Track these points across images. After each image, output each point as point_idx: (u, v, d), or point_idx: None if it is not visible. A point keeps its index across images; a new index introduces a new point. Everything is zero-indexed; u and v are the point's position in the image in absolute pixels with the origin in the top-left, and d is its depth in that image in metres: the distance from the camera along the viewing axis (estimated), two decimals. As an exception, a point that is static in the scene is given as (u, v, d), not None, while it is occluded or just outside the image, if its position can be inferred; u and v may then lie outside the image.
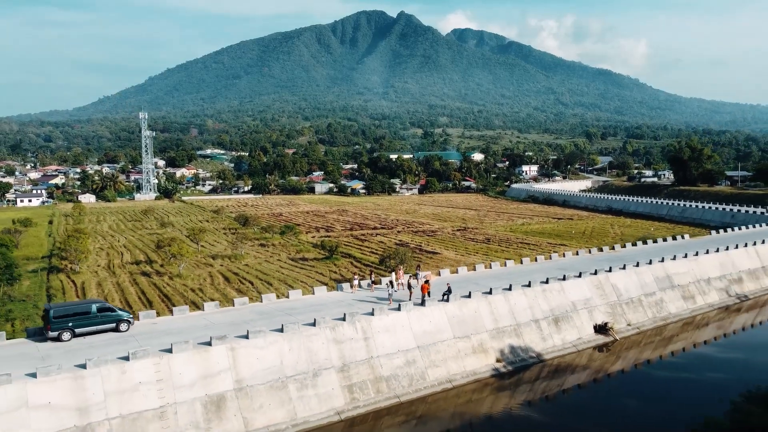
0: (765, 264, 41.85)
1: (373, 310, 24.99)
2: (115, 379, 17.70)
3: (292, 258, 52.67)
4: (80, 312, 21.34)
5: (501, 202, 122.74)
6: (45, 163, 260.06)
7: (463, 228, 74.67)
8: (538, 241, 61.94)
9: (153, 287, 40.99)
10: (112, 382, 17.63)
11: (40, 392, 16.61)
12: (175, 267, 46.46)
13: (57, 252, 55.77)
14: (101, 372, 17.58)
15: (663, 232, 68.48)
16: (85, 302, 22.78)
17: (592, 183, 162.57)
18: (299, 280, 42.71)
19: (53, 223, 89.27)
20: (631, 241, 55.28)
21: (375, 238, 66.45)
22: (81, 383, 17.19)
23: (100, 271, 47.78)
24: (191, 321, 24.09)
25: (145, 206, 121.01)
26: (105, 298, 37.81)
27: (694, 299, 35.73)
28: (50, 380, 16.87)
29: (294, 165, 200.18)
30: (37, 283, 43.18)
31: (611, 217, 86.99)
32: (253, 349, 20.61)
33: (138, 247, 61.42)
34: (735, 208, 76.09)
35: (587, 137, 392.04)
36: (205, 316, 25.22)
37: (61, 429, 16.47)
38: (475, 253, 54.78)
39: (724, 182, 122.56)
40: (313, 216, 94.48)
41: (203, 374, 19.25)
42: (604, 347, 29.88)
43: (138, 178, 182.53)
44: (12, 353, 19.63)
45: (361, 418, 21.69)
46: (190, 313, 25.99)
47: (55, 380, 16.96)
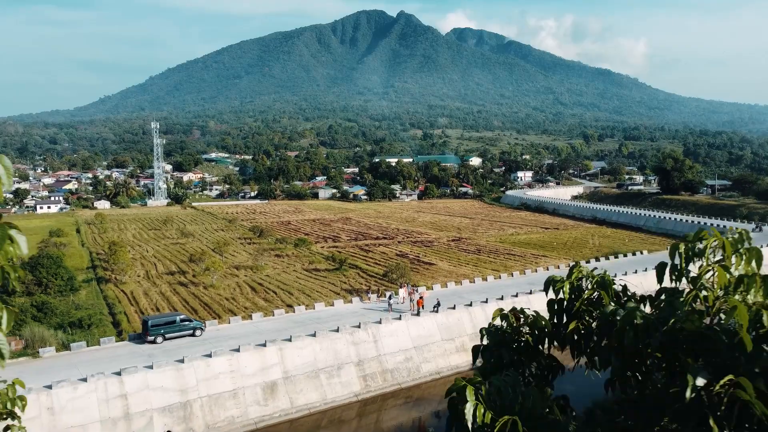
0: (707, 277, 49.50)
1: (381, 320, 32.75)
2: (203, 370, 25.35)
3: (306, 269, 60.36)
4: (169, 322, 29.01)
5: (495, 210, 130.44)
6: (54, 166, 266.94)
7: (457, 238, 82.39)
8: (523, 252, 69.68)
9: (193, 297, 48.68)
10: (201, 372, 25.26)
11: (156, 378, 24.25)
12: (207, 278, 54.10)
13: (99, 263, 63.49)
14: (194, 365, 25.25)
15: (636, 243, 76.27)
16: (171, 314, 30.46)
17: (584, 189, 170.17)
18: (315, 290, 50.41)
19: (81, 232, 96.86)
20: (602, 255, 63.04)
21: (378, 248, 74.16)
22: (181, 373, 24.82)
23: (142, 281, 55.45)
24: (245, 328, 31.84)
25: (160, 213, 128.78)
26: (155, 306, 45.53)
27: (641, 308, 43.31)
28: (162, 371, 24.54)
29: (297, 170, 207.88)
30: (92, 292, 50.87)
31: (594, 227, 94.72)
32: (294, 349, 28.29)
33: (167, 257, 69.05)
34: (703, 221, 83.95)
35: (584, 139, 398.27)
36: (254, 323, 32.95)
37: (170, 404, 24.13)
38: (465, 264, 62.50)
39: (705, 190, 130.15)
40: (320, 225, 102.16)
41: (261, 367, 26.89)
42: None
43: (147, 183, 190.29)
44: (125, 352, 27.31)
45: (372, 399, 29.40)
46: (242, 321, 33.73)
47: (164, 371, 24.61)
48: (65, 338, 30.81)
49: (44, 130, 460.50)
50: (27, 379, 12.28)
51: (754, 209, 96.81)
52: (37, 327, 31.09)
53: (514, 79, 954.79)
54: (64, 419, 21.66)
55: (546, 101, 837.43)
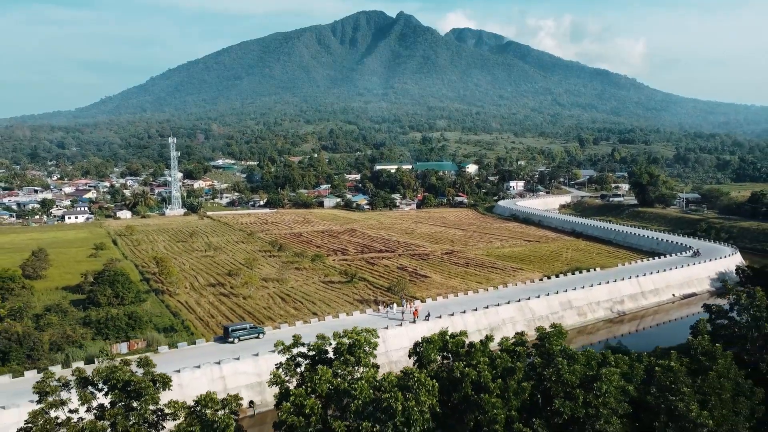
0: (643, 290, 62.08)
1: (387, 326, 45.20)
2: (269, 361, 37.78)
3: (323, 281, 72.89)
4: (242, 328, 41.54)
5: (487, 220, 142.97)
6: (67, 173, 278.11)
7: (450, 251, 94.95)
8: (504, 266, 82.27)
9: (237, 306, 61.19)
10: (269, 362, 37.69)
11: (242, 366, 36.83)
12: (245, 290, 66.61)
13: (150, 276, 75.94)
14: (264, 357, 37.77)
15: (603, 257, 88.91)
16: (243, 323, 43.10)
17: (572, 198, 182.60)
18: (333, 300, 62.96)
19: (118, 244, 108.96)
20: (568, 269, 75.62)
21: (381, 261, 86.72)
22: (257, 362, 37.30)
23: (190, 292, 67.96)
24: (293, 331, 44.21)
25: (181, 224, 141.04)
26: (209, 314, 58.05)
27: (586, 315, 56.02)
28: (244, 361, 37.16)
29: (303, 178, 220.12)
30: (155, 303, 63.34)
31: (571, 240, 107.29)
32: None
33: (203, 270, 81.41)
34: (662, 237, 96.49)
35: (580, 142, 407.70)
36: (297, 329, 45.39)
37: (251, 382, 36.66)
38: (455, 277, 75.08)
39: (678, 202, 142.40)
40: (328, 237, 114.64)
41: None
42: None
43: (161, 192, 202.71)
44: (215, 349, 39.81)
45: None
46: (288, 327, 46.23)
47: (246, 361, 37.21)
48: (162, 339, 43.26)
49: (51, 134, 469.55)
50: (157, 368, 23.33)
51: (713, 223, 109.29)
52: (151, 332, 43.63)
53: (512, 79, 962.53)
54: (187, 392, 34.01)
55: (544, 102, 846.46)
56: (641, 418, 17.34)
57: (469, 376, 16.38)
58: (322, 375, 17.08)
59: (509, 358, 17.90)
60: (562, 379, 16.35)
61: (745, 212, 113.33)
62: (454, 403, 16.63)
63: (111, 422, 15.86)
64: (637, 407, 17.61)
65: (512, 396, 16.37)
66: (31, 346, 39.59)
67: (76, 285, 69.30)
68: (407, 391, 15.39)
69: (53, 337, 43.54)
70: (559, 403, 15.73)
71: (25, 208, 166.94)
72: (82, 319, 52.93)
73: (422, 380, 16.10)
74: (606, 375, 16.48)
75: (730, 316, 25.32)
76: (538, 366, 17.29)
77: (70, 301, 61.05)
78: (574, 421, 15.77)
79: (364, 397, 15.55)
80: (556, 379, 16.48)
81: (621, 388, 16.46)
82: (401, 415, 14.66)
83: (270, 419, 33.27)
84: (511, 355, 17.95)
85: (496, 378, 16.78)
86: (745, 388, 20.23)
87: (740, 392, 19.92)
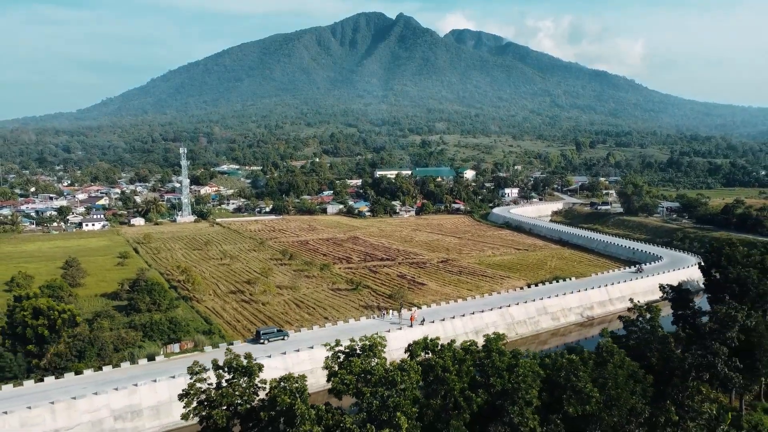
0: (611, 297, 71.21)
1: (390, 329, 54.29)
2: (295, 358, 46.81)
3: (332, 289, 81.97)
4: (271, 331, 50.65)
5: (482, 228, 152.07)
6: (76, 178, 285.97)
7: (445, 260, 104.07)
8: (493, 274, 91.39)
9: (258, 311, 70.26)
10: (294, 359, 46.70)
11: (273, 362, 45.80)
12: (263, 297, 75.68)
13: (177, 284, 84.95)
14: (290, 355, 46.86)
15: (583, 265, 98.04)
16: (271, 327, 52.28)
17: (563, 205, 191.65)
18: (342, 306, 72.03)
19: (139, 252, 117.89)
20: (550, 277, 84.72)
21: (383, 269, 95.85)
22: (284, 359, 46.34)
23: (215, 299, 77.04)
24: (311, 334, 53.24)
25: (193, 231, 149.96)
26: (235, 319, 67.11)
27: (559, 320, 65.11)
28: (275, 358, 46.19)
29: (306, 185, 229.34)
30: (185, 309, 72.37)
31: (557, 249, 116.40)
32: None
33: (222, 278, 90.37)
34: (638, 247, 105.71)
35: (576, 146, 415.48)
36: (314, 332, 54.34)
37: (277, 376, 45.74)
38: (449, 284, 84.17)
39: (662, 210, 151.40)
40: (333, 245, 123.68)
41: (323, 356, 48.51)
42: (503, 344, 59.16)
43: (170, 198, 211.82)
44: (250, 349, 48.74)
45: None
46: (308, 330, 55.24)
47: (276, 358, 46.25)
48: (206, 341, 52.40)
49: (56, 138, 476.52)
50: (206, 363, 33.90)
51: (688, 233, 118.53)
52: (195, 334, 52.75)
53: (511, 81, 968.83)
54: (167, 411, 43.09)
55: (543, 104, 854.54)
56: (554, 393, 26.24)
57: (438, 363, 25.37)
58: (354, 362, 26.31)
59: (463, 352, 26.86)
60: (495, 365, 25.20)
61: (718, 222, 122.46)
62: (430, 380, 25.61)
63: (234, 390, 26.45)
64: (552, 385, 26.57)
65: (464, 375, 25.30)
66: (100, 346, 48.61)
67: (113, 292, 78.39)
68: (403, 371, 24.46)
69: (111, 339, 52.59)
70: (493, 380, 24.59)
71: (44, 216, 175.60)
72: (127, 323, 62.02)
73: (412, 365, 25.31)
74: (522, 363, 25.43)
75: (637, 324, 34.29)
76: (482, 358, 26.23)
77: (113, 307, 70.14)
78: (504, 391, 24.62)
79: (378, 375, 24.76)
80: (491, 366, 25.34)
81: (534, 371, 25.43)
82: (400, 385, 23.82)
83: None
84: (465, 351, 26.93)
85: (455, 364, 25.72)
86: (639, 375, 29.21)
87: (635, 378, 28.95)
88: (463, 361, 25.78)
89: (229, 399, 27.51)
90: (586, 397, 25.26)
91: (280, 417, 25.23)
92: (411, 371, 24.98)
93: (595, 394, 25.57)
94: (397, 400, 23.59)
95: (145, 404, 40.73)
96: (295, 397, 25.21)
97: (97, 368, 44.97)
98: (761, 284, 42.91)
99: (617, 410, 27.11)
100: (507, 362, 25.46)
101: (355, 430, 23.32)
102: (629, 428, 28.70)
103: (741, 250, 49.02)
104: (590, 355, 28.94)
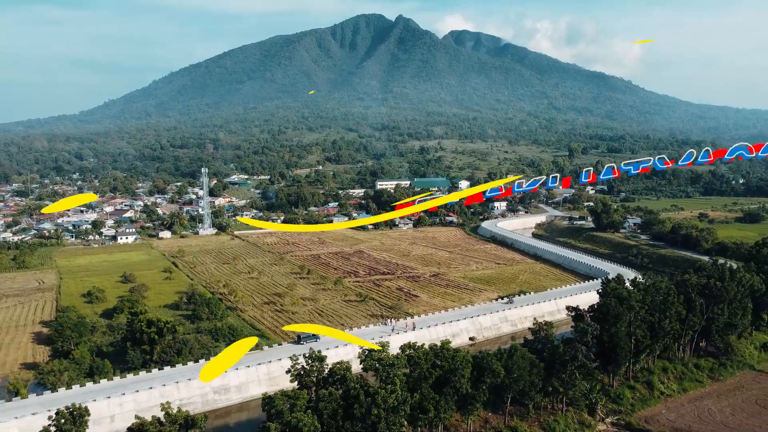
0: (559, 308, 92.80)
1: (391, 334, 75.91)
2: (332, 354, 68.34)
3: (344, 300, 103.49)
4: (307, 336, 72.21)
5: (471, 241, 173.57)
6: (95, 188, 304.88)
7: (436, 274, 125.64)
8: (474, 287, 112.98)
9: (288, 320, 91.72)
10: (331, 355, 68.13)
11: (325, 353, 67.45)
12: (292, 307, 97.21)
13: (221, 296, 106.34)
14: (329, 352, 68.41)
15: (549, 279, 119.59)
16: (307, 332, 73.81)
17: (546, 218, 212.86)
18: (353, 315, 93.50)
19: (178, 266, 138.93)
20: (519, 290, 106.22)
21: (385, 283, 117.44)
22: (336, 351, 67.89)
23: (254, 309, 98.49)
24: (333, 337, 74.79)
25: (216, 245, 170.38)
26: (273, 325, 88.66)
27: (517, 326, 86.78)
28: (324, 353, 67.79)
29: (312, 197, 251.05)
30: (233, 317, 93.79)
31: (531, 263, 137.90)
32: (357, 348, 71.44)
33: (255, 291, 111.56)
34: (594, 263, 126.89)
35: (569, 153, 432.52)
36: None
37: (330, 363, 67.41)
38: (438, 296, 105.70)
39: (628, 225, 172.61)
40: (342, 259, 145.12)
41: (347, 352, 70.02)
42: (473, 344, 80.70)
43: (189, 210, 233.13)
44: (294, 349, 70.35)
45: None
46: (331, 336, 76.87)
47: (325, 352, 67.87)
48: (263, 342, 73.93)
49: (67, 145, 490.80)
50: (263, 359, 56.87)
51: (642, 249, 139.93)
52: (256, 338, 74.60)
53: (509, 83, 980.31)
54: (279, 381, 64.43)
55: (540, 106, 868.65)
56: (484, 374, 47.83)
57: (415, 355, 46.96)
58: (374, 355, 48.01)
59: (429, 350, 48.38)
60: (444, 356, 46.69)
61: (668, 240, 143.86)
62: (411, 364, 47.15)
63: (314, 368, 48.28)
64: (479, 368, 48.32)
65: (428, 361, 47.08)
66: (190, 347, 70.10)
67: (174, 303, 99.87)
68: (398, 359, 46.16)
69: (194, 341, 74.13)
70: (444, 363, 46.22)
71: (80, 229, 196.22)
72: (194, 329, 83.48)
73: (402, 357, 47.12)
74: (460, 355, 46.84)
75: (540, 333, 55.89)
76: (438, 352, 47.83)
77: (178, 316, 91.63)
78: (451, 369, 45.98)
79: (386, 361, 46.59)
80: (442, 356, 46.85)
81: (466, 359, 46.94)
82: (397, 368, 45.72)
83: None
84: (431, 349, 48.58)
85: (425, 356, 47.31)
86: (536, 362, 50.84)
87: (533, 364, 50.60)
88: (427, 354, 47.26)
89: (312, 372, 49.08)
90: (496, 373, 46.80)
91: (337, 382, 46.95)
92: (402, 359, 46.78)
93: (502, 372, 47.10)
94: (395, 372, 45.29)
95: (232, 384, 62.37)
96: (345, 370, 46.86)
97: (195, 360, 66.57)
98: (621, 312, 59.22)
99: (521, 382, 48.86)
100: (451, 354, 46.88)
101: (374, 386, 44.90)
102: (531, 394, 50.54)
103: (627, 288, 66.11)
104: (504, 351, 50.70)
